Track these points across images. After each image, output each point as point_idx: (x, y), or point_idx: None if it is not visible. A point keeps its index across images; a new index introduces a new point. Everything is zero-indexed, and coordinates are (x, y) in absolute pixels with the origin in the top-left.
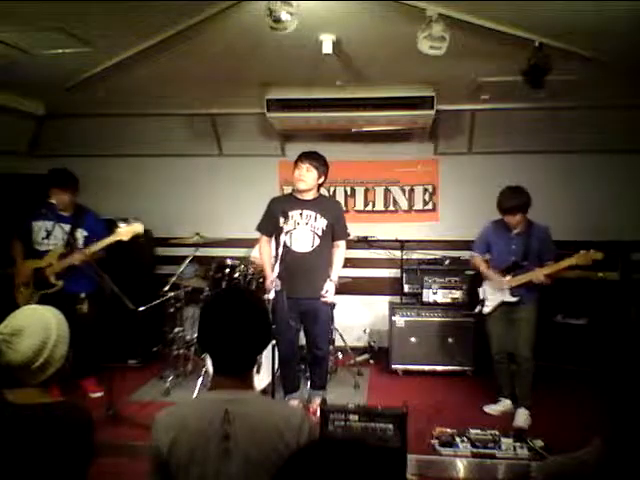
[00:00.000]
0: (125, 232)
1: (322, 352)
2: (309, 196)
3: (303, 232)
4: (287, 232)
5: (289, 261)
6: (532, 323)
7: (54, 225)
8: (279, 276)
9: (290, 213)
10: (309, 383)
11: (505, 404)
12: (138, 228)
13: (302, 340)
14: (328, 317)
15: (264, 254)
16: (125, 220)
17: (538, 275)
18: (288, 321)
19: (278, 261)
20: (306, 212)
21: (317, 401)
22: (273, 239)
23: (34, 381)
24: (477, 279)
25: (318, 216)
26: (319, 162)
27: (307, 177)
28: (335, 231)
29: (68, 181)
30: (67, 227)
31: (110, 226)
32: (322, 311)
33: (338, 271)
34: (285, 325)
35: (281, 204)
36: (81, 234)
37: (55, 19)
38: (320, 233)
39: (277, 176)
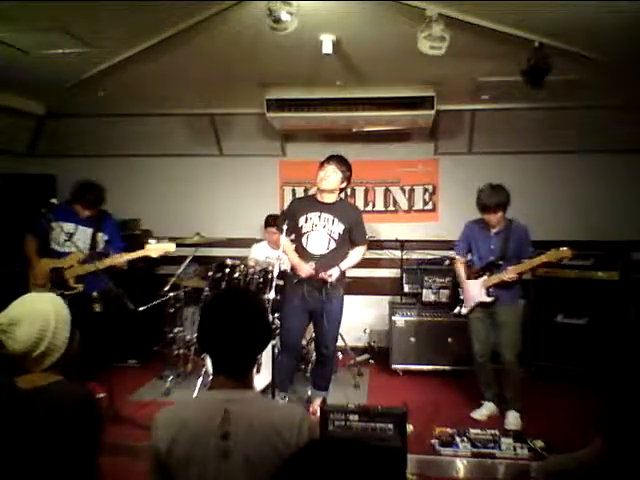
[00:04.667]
0: (155, 249)
1: (329, 352)
2: (330, 199)
3: (319, 234)
4: (304, 233)
5: (304, 260)
6: (515, 325)
7: (76, 228)
8: (287, 274)
9: (309, 215)
10: (312, 383)
11: (489, 407)
12: (170, 248)
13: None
14: (338, 317)
15: (285, 244)
16: (149, 235)
17: (509, 273)
18: (298, 307)
19: (279, 262)
20: (324, 215)
21: (318, 401)
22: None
23: (40, 367)
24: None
25: (336, 220)
26: (345, 167)
27: (331, 178)
28: (353, 236)
29: (97, 202)
30: (89, 231)
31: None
32: (332, 311)
33: (348, 264)
34: (294, 310)
35: (301, 205)
36: (102, 238)
37: (55, 19)
38: (336, 237)
39: (277, 176)
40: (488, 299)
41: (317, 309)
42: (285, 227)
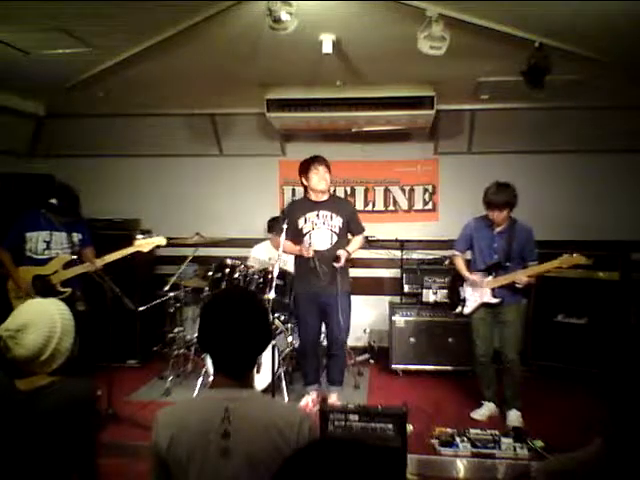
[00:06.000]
0: (145, 243)
1: (339, 345)
2: (323, 197)
3: (322, 231)
4: (306, 233)
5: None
6: (518, 325)
7: (50, 234)
8: (294, 274)
9: (307, 215)
10: (326, 378)
11: (489, 407)
12: (159, 241)
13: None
14: (347, 311)
15: (285, 243)
16: (145, 232)
17: (521, 277)
18: (311, 303)
19: (279, 262)
20: (322, 212)
21: (334, 397)
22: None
23: (45, 371)
24: (458, 278)
25: (334, 215)
26: (329, 167)
27: (327, 178)
28: (351, 227)
29: (67, 212)
30: (64, 234)
31: (105, 226)
32: (341, 305)
33: (353, 247)
34: (307, 307)
35: (297, 207)
36: (77, 237)
37: (55, 19)
38: (337, 231)
39: (277, 176)
40: (494, 300)
41: (326, 305)
42: (285, 226)
